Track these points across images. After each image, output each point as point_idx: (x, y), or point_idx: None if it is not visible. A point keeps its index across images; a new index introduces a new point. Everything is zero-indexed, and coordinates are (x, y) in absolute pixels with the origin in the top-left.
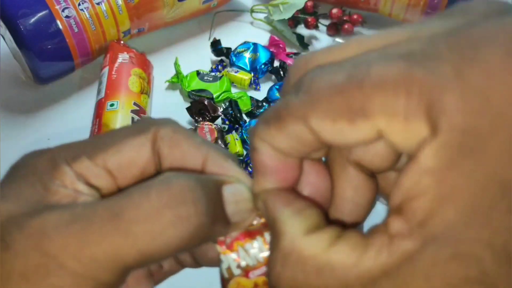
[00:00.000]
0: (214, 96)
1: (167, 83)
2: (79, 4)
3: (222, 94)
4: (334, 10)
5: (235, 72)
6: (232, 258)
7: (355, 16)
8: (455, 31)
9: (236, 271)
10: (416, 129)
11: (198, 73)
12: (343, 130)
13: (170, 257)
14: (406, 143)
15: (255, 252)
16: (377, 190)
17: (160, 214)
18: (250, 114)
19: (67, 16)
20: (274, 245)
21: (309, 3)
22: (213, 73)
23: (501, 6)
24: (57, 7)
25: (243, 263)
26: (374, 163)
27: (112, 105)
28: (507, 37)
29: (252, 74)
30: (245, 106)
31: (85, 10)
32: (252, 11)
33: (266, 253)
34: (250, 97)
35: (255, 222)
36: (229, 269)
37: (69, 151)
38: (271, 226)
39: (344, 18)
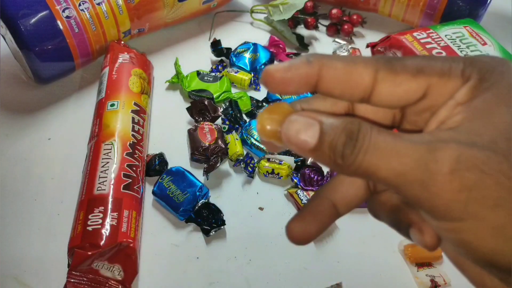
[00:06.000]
0: (214, 96)
1: (168, 83)
2: (79, 5)
3: (222, 94)
4: (334, 11)
5: (235, 72)
6: None
7: (354, 17)
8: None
9: None
10: (454, 83)
11: (198, 73)
12: (403, 82)
13: None
14: (446, 93)
15: None
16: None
17: None
18: (250, 114)
19: (67, 17)
20: None
21: (309, 4)
22: (213, 73)
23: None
24: (58, 7)
25: None
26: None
27: (112, 105)
28: None
29: (252, 74)
30: (245, 106)
31: (85, 10)
32: (252, 11)
33: None
34: (250, 97)
35: None
36: None
37: None
38: None
39: (344, 19)
